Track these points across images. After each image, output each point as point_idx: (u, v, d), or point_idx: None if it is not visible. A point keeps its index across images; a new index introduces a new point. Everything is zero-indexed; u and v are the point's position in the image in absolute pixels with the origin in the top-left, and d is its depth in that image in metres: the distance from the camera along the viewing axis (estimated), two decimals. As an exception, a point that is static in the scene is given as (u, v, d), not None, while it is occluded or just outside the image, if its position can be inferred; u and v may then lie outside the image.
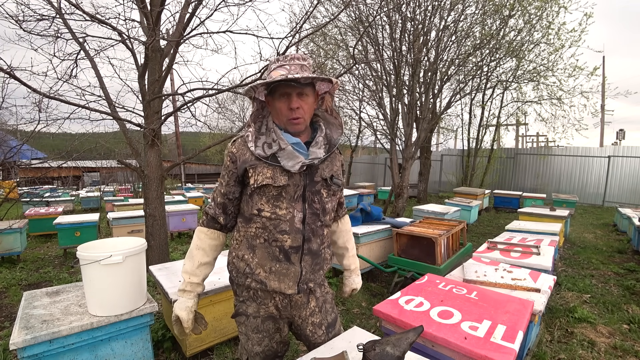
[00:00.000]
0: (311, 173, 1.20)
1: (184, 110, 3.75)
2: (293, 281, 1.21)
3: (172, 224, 5.99)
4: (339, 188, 1.32)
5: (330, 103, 1.29)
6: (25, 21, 3.18)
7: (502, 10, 7.48)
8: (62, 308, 1.79)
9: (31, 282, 4.05)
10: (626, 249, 5.42)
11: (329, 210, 1.28)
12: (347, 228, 1.51)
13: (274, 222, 1.18)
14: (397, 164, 7.40)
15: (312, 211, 1.22)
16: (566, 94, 10.40)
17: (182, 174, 21.74)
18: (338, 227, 1.49)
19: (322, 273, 1.32)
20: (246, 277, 1.24)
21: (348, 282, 1.53)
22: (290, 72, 1.12)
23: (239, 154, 1.20)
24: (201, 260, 1.25)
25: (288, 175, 1.16)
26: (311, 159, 1.16)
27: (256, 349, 1.31)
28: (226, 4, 3.45)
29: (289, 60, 1.15)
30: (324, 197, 1.24)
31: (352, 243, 1.53)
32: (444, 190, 14.74)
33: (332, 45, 8.59)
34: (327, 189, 1.25)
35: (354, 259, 1.53)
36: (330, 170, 1.26)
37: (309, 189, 1.20)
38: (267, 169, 1.16)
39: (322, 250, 1.29)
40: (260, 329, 1.29)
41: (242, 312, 1.30)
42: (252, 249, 1.22)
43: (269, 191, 1.16)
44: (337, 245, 1.51)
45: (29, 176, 7.86)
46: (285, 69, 1.13)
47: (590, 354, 2.44)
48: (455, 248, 3.79)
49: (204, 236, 1.27)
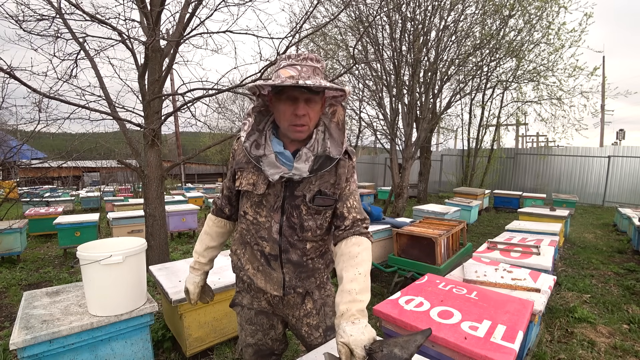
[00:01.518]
0: (292, 186, 1.12)
1: (184, 110, 3.75)
2: (278, 285, 1.21)
3: (172, 224, 6.00)
4: (326, 207, 1.15)
5: (341, 116, 1.16)
6: (25, 21, 3.17)
7: (502, 10, 7.48)
8: (62, 308, 1.79)
9: (31, 282, 4.04)
10: (626, 249, 5.42)
11: (310, 227, 1.15)
12: (350, 251, 1.07)
13: (255, 227, 1.19)
14: (397, 164, 7.40)
15: (289, 224, 1.14)
16: (566, 94, 10.41)
17: (182, 174, 21.76)
18: (340, 249, 1.12)
19: (313, 280, 1.24)
20: (239, 270, 1.29)
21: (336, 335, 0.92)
22: (301, 74, 1.01)
23: (237, 152, 1.22)
24: (208, 245, 1.35)
25: (269, 184, 1.12)
26: (292, 174, 1.07)
27: (249, 340, 1.34)
28: (226, 4, 3.45)
29: (301, 60, 1.03)
30: (303, 213, 1.13)
31: (353, 273, 1.02)
32: (444, 190, 14.74)
33: (332, 45, 8.59)
34: (307, 207, 1.13)
35: (348, 295, 0.97)
36: (323, 184, 1.12)
37: (289, 201, 1.13)
38: (252, 175, 1.15)
39: (307, 262, 1.21)
40: (254, 322, 1.31)
41: (238, 303, 1.36)
42: (244, 245, 1.26)
43: (252, 197, 1.17)
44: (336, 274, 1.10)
45: (29, 176, 7.86)
46: (296, 69, 1.02)
47: (590, 354, 2.44)
48: (455, 248, 3.79)
49: (212, 223, 1.36)
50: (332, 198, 1.14)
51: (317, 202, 1.12)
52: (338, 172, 1.14)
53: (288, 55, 1.06)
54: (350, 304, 0.95)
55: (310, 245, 1.19)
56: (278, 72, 1.04)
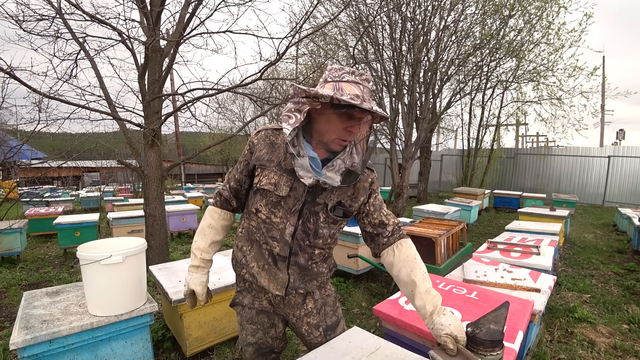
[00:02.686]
0: (315, 192, 1.13)
1: (184, 110, 3.76)
2: (281, 285, 1.21)
3: (172, 224, 6.00)
4: (344, 219, 1.19)
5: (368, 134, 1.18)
6: (25, 21, 3.18)
7: (502, 10, 7.49)
8: (62, 308, 1.79)
9: (31, 282, 4.04)
10: (626, 249, 5.42)
11: (323, 235, 1.18)
12: (408, 254, 1.14)
13: (267, 226, 1.18)
14: (397, 164, 7.40)
15: (304, 229, 1.16)
16: (566, 94, 10.42)
17: (182, 174, 21.76)
18: (395, 257, 1.15)
19: (315, 283, 1.27)
20: (242, 267, 1.27)
21: (434, 330, 1.02)
22: (364, 95, 1.02)
23: (258, 147, 1.18)
24: (213, 239, 1.29)
25: (291, 187, 1.12)
26: (324, 182, 1.07)
27: (249, 339, 1.34)
28: (226, 4, 3.45)
29: (364, 80, 1.05)
30: (320, 220, 1.16)
31: (421, 273, 1.10)
32: (444, 190, 14.74)
33: (332, 45, 8.59)
34: (326, 215, 1.16)
35: (427, 295, 1.07)
36: (342, 195, 1.16)
37: (308, 207, 1.14)
38: (274, 175, 1.13)
39: (312, 266, 1.24)
40: (255, 321, 1.31)
41: (238, 302, 1.34)
42: (251, 243, 1.24)
43: (270, 196, 1.15)
44: (401, 281, 1.13)
45: (29, 176, 7.86)
46: (359, 88, 1.02)
47: (590, 354, 2.44)
48: (455, 248, 3.79)
49: (217, 216, 1.30)
50: (349, 210, 1.18)
51: (337, 212, 1.16)
52: (357, 186, 1.18)
53: (352, 71, 1.05)
54: (435, 300, 1.07)
55: (318, 252, 1.22)
56: (341, 85, 1.02)
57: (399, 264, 1.14)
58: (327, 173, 1.09)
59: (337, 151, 1.13)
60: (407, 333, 1.52)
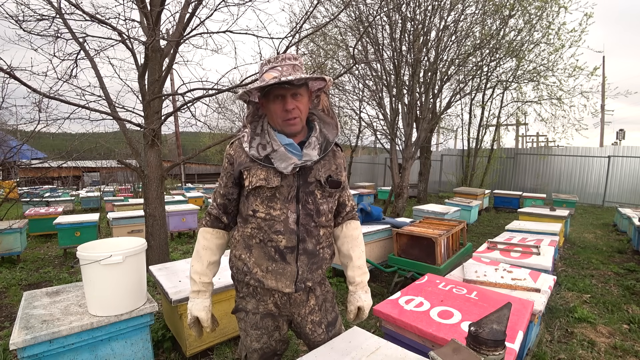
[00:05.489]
0: (305, 174, 1.19)
1: (184, 110, 3.75)
2: (290, 280, 1.22)
3: (172, 224, 6.00)
4: (337, 189, 1.26)
5: (326, 102, 1.28)
6: (25, 21, 3.18)
7: (502, 10, 7.49)
8: (62, 308, 1.79)
9: (31, 282, 4.04)
10: (626, 249, 5.42)
11: (324, 211, 1.25)
12: (352, 233, 1.36)
13: (268, 223, 1.19)
14: (397, 164, 7.40)
15: (306, 212, 1.20)
16: (566, 94, 10.42)
17: (182, 174, 21.74)
18: (342, 232, 1.37)
19: (320, 272, 1.30)
20: (245, 274, 1.26)
21: (352, 300, 1.32)
22: (283, 73, 1.11)
23: (235, 156, 1.22)
24: (210, 260, 1.27)
25: (281, 176, 1.16)
26: (304, 161, 1.15)
27: (254, 345, 1.32)
28: (226, 4, 3.45)
29: (280, 61, 1.14)
30: (317, 198, 1.22)
31: (358, 251, 1.35)
32: (444, 190, 14.73)
33: (332, 45, 8.60)
34: (322, 190, 1.23)
35: (359, 270, 1.33)
36: (328, 170, 1.24)
37: (303, 189, 1.19)
38: (261, 171, 1.17)
39: (319, 251, 1.27)
40: (259, 326, 1.30)
41: (241, 308, 1.32)
42: (249, 249, 1.24)
43: (263, 192, 1.18)
44: (341, 253, 1.38)
45: (29, 176, 7.85)
46: (277, 70, 1.12)
47: (590, 354, 2.44)
48: (455, 248, 3.79)
49: (210, 236, 1.28)
50: (339, 181, 1.26)
51: (331, 183, 1.23)
52: (337, 162, 1.29)
53: (268, 60, 1.17)
54: (363, 276, 1.34)
55: (322, 232, 1.27)
56: (262, 77, 1.15)
57: (343, 239, 1.37)
58: (306, 151, 1.17)
59: (292, 132, 1.19)
60: (407, 333, 1.52)
